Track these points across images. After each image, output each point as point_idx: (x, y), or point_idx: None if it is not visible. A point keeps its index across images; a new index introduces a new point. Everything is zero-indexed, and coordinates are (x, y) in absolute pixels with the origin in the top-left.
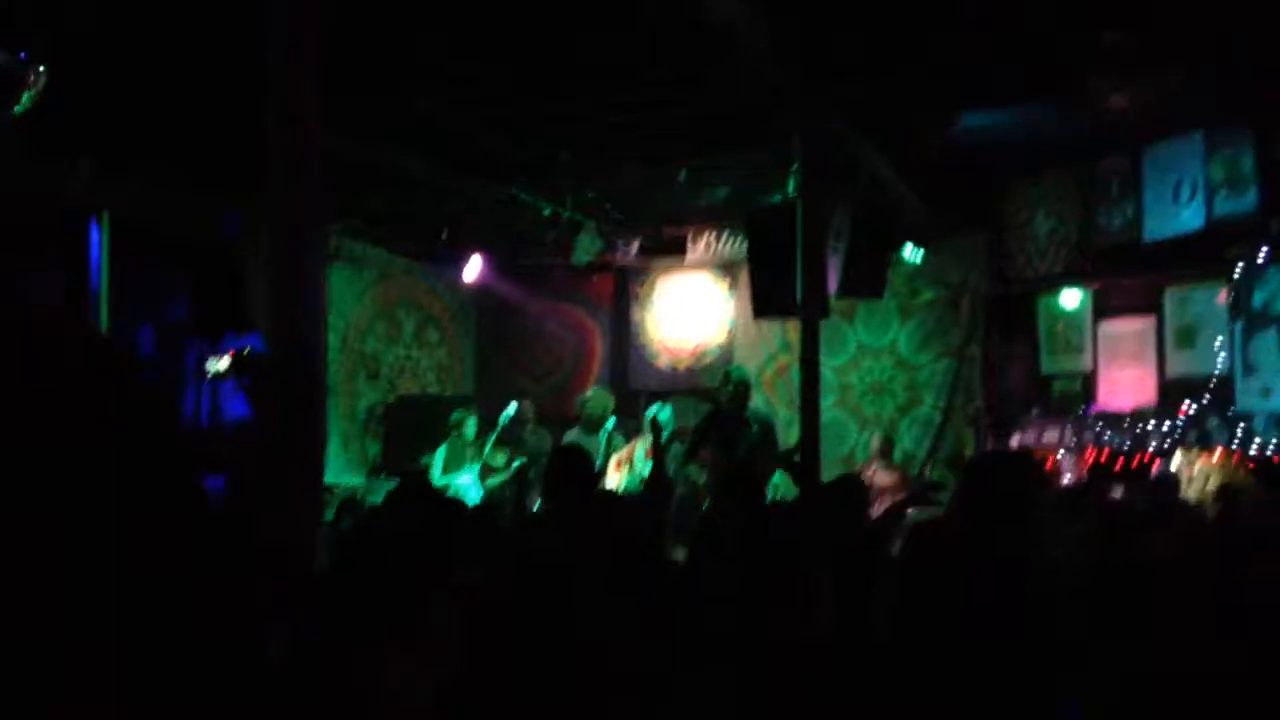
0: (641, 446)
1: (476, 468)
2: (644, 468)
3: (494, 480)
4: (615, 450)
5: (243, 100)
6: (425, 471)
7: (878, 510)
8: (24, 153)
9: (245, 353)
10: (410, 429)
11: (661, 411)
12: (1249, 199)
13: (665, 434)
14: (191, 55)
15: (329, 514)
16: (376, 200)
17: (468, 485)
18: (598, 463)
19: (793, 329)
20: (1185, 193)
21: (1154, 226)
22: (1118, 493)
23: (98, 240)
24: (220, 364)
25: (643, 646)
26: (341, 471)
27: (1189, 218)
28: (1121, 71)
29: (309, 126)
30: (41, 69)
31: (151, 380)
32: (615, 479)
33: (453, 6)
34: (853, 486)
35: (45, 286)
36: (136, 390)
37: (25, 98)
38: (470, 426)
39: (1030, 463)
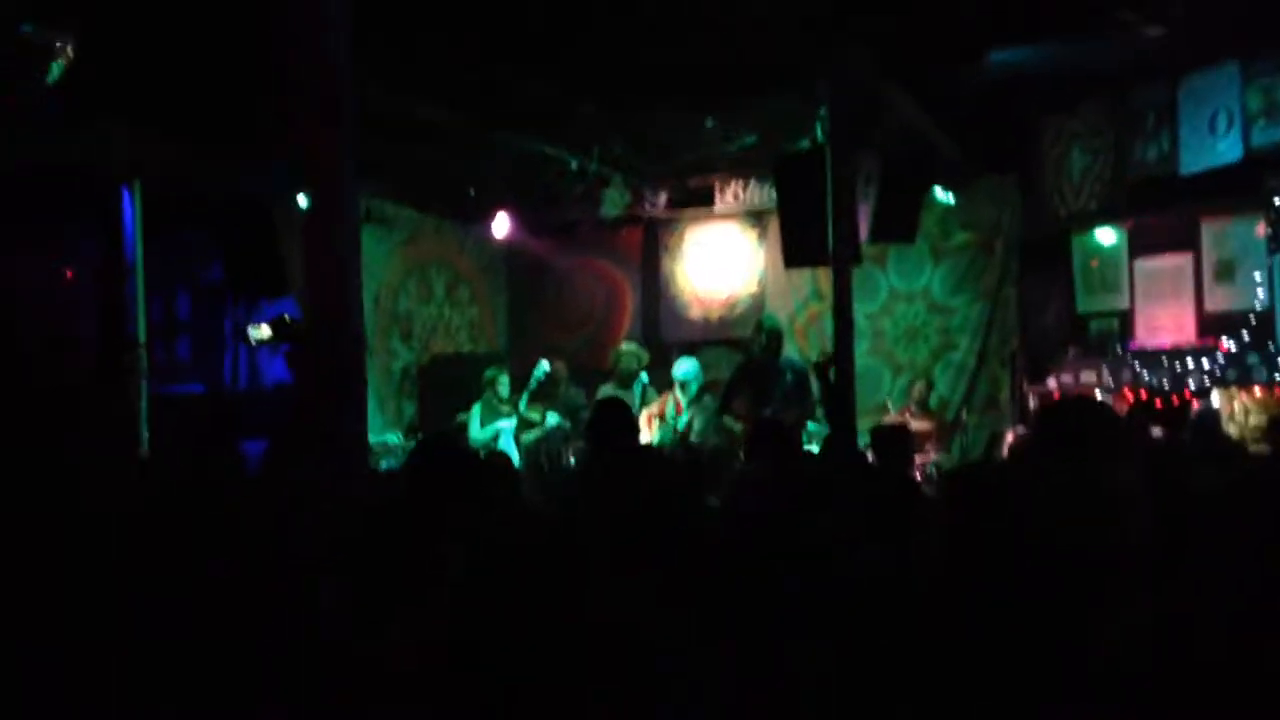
0: (672, 401)
1: (513, 423)
2: (677, 422)
3: (529, 435)
4: (648, 404)
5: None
6: (460, 429)
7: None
8: (58, 122)
9: (285, 319)
10: (444, 387)
11: (678, 369)
12: None
13: (693, 389)
14: (219, 17)
15: None
16: (404, 159)
17: (505, 438)
18: None
19: (824, 276)
20: (1222, 123)
21: (1190, 159)
22: (1157, 432)
23: (131, 207)
24: (262, 331)
25: (656, 616)
26: (380, 431)
27: (1226, 149)
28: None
29: (339, 80)
30: (68, 41)
31: None
32: (648, 433)
33: None
34: (898, 435)
35: (85, 253)
36: None
37: (55, 68)
38: (504, 384)
39: (1094, 405)
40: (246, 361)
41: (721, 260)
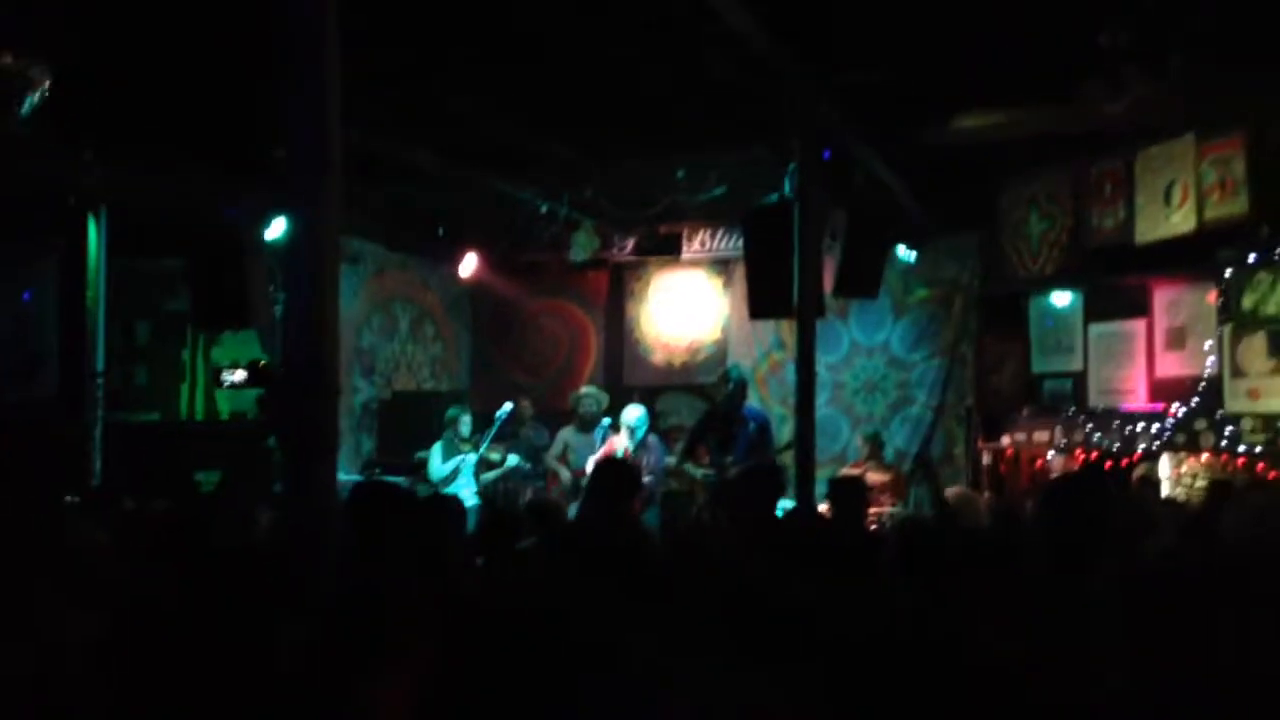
0: (621, 447)
1: (473, 462)
2: None
3: (489, 475)
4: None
5: (243, 93)
6: (419, 466)
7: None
8: (25, 147)
9: (260, 365)
10: (405, 424)
11: (629, 415)
12: (1240, 202)
13: (639, 435)
14: (192, 48)
15: None
16: (374, 195)
17: (464, 475)
18: None
19: (787, 326)
20: (1176, 195)
21: (1145, 228)
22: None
23: (95, 233)
24: (236, 375)
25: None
26: (340, 467)
27: (1179, 220)
28: (1116, 78)
29: (331, 125)
30: (45, 74)
31: None
32: None
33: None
34: (853, 487)
35: (48, 278)
36: None
37: (29, 100)
38: (465, 423)
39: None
40: (204, 393)
41: (686, 307)
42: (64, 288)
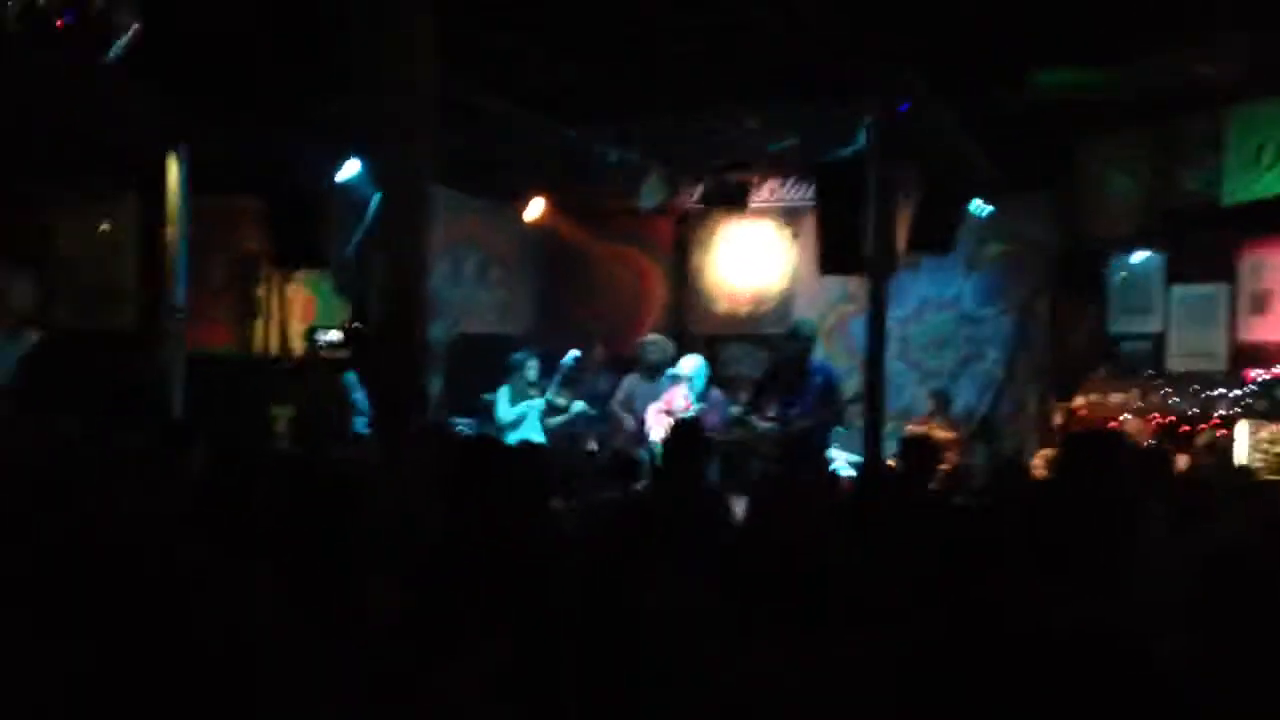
0: (681, 396)
1: (539, 407)
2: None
3: (555, 421)
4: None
5: (322, 37)
6: (487, 408)
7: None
8: (115, 89)
9: (355, 326)
10: (472, 367)
11: (688, 365)
12: None
13: (699, 384)
14: None
15: None
16: (442, 139)
17: (531, 421)
18: None
19: (855, 279)
20: (1268, 156)
21: (1234, 189)
22: (1181, 461)
23: (176, 171)
24: (331, 335)
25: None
26: None
27: (1271, 181)
28: (1215, 43)
29: (425, 77)
30: (135, 18)
31: None
32: (658, 429)
33: None
34: (925, 447)
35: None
36: None
37: (118, 45)
38: (532, 367)
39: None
40: (279, 329)
41: (752, 256)
42: (144, 222)
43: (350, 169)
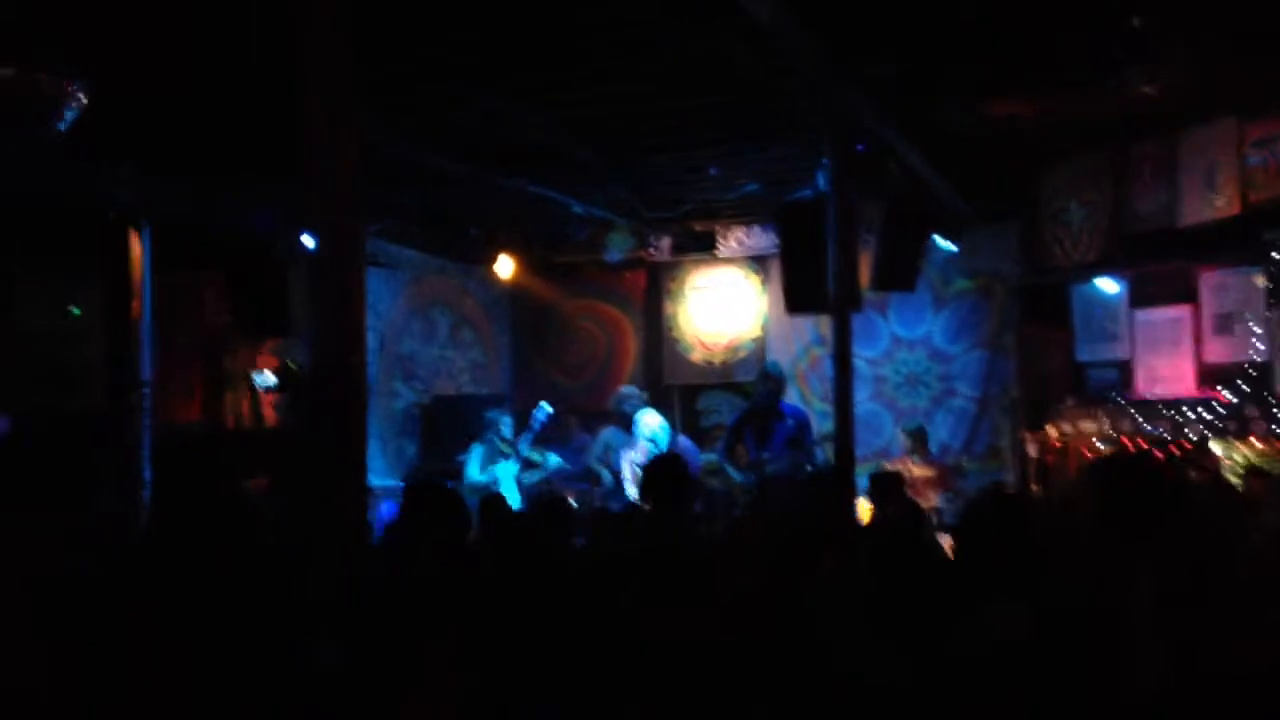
0: (649, 450)
1: (515, 465)
2: None
3: (531, 476)
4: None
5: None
6: (458, 470)
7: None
8: (67, 163)
9: (289, 365)
10: (446, 429)
11: (648, 423)
12: None
13: (662, 441)
14: (228, 57)
15: None
16: (407, 201)
17: (505, 481)
18: None
19: (825, 322)
20: (1219, 178)
21: (1188, 212)
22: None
23: (137, 247)
24: (267, 378)
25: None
26: (381, 474)
27: (1224, 203)
28: (1149, 59)
29: (349, 125)
30: (81, 88)
31: None
32: (632, 483)
33: (483, 5)
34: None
35: (94, 291)
36: None
37: (68, 115)
38: (506, 425)
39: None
40: (253, 401)
41: (724, 305)
42: (109, 301)
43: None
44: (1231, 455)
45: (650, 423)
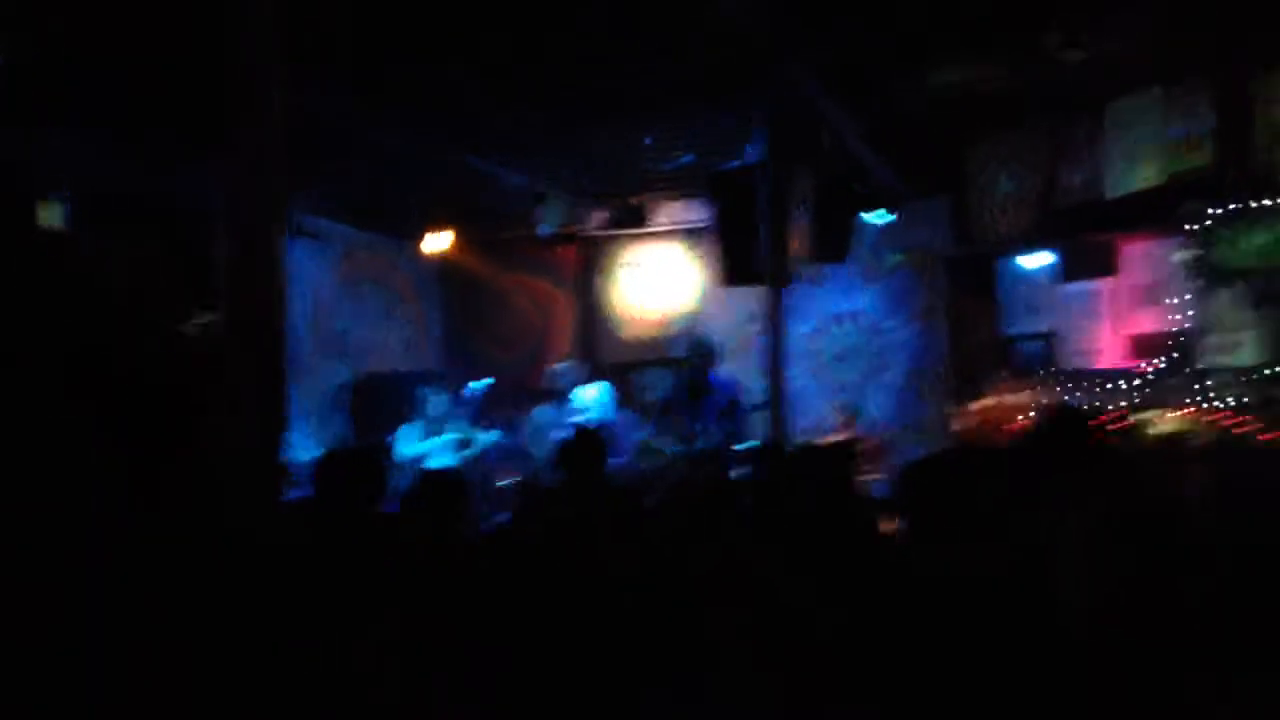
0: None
1: (447, 440)
2: None
3: (468, 453)
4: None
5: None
6: (388, 447)
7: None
8: None
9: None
10: (377, 406)
11: (582, 396)
12: (1206, 155)
13: (593, 415)
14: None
15: None
16: (337, 175)
17: (436, 457)
18: None
19: (762, 295)
20: (1144, 150)
21: (1114, 184)
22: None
23: (62, 214)
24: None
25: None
26: (313, 450)
27: (1149, 175)
28: (1074, 24)
29: (270, 90)
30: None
31: None
32: None
33: None
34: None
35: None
36: None
37: None
38: (436, 403)
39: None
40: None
41: (658, 279)
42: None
43: None
44: (1156, 425)
45: (587, 396)
